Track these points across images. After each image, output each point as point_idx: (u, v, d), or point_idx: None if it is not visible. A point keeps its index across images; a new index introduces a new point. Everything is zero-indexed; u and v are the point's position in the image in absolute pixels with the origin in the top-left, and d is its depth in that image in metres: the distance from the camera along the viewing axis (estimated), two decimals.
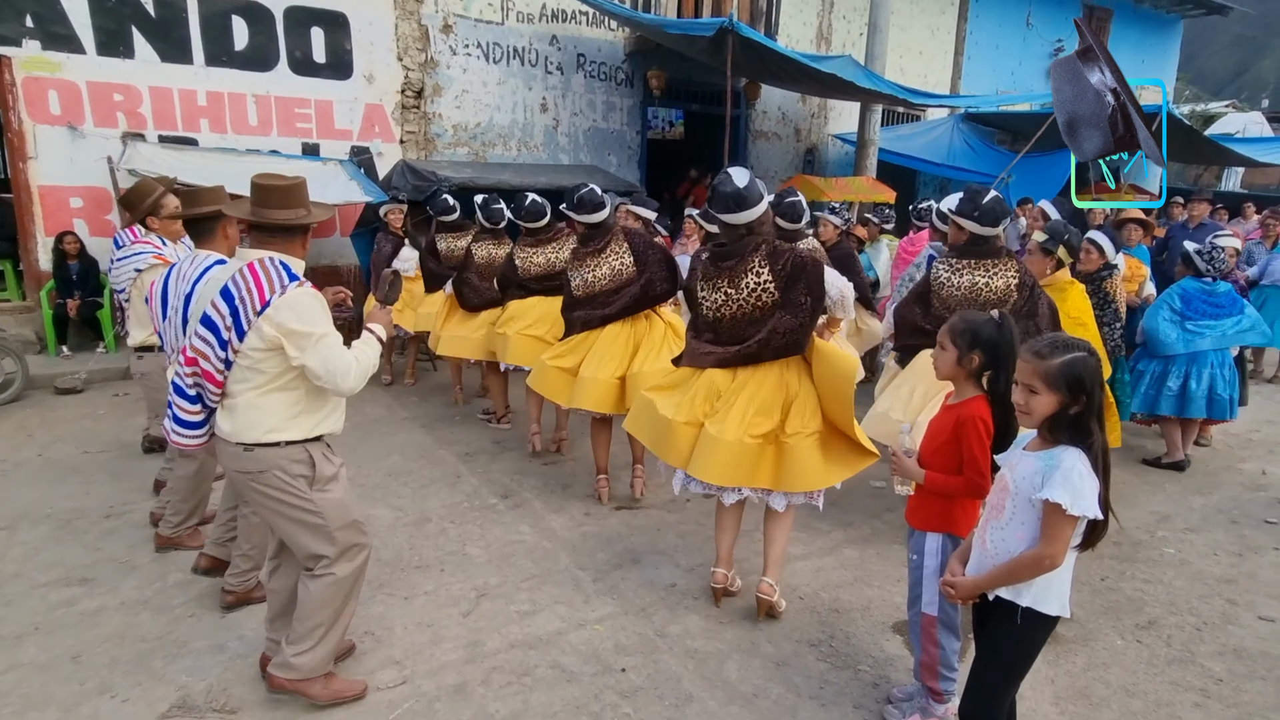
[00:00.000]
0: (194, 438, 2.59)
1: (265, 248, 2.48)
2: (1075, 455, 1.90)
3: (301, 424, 2.51)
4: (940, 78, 13.89)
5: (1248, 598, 3.58)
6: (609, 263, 4.30)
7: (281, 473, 2.47)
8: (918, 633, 2.58)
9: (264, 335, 2.37)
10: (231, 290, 2.37)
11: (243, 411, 2.45)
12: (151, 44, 7.58)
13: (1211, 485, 4.98)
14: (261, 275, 2.38)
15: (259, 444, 2.45)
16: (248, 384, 2.44)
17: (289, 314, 2.36)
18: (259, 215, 2.47)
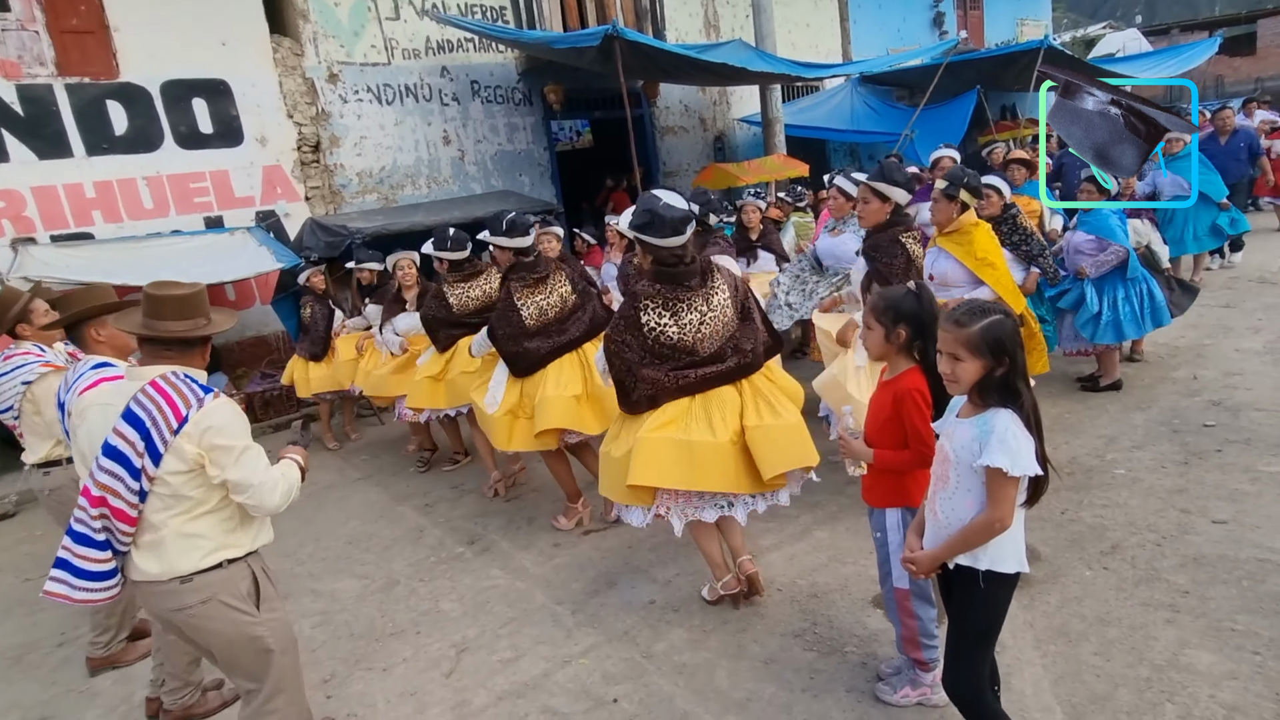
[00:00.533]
0: (103, 590, 2.27)
1: (161, 362, 2.30)
2: (1008, 417, 1.93)
3: (241, 539, 2.35)
4: (831, 46, 14.16)
5: (1199, 504, 3.72)
6: (557, 291, 4.26)
7: (229, 596, 2.30)
8: (894, 607, 2.60)
9: (184, 455, 2.18)
10: (138, 412, 2.17)
11: (171, 543, 2.24)
12: (25, 143, 7.26)
13: (1149, 399, 5.16)
14: (171, 391, 2.20)
15: (198, 571, 2.25)
16: (172, 511, 2.24)
17: (210, 427, 2.20)
18: (151, 328, 2.28)
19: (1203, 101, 20.03)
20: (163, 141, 7.94)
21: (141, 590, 2.31)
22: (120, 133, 7.71)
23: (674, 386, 3.07)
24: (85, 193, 7.58)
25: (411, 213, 8.58)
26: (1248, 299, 7.20)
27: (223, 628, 2.31)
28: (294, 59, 8.63)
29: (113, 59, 7.64)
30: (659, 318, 3.05)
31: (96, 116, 7.57)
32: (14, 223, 7.27)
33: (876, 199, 3.81)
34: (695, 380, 3.08)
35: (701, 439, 3.01)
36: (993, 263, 4.29)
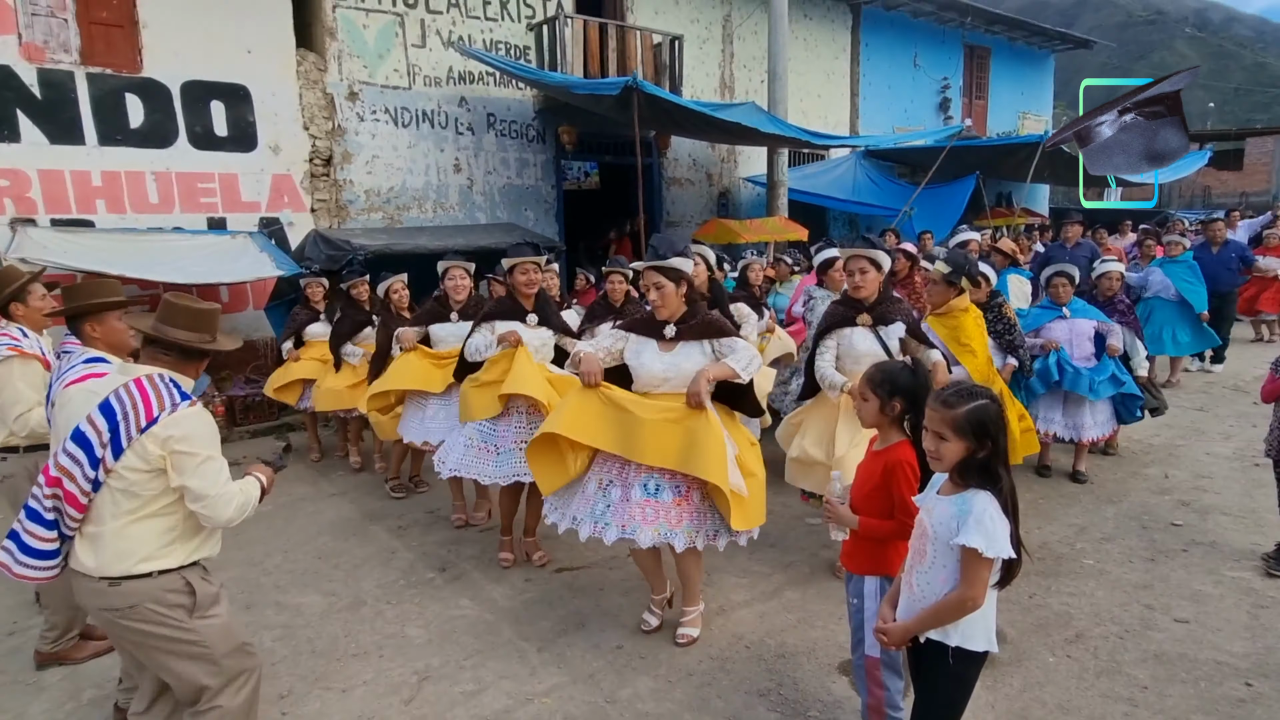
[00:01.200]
0: (44, 569, 2.30)
1: (155, 364, 2.35)
2: (986, 499, 2.00)
3: (177, 551, 2.33)
4: (839, 118, 14.59)
5: (1163, 601, 3.78)
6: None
7: (155, 604, 2.27)
8: (862, 676, 2.62)
9: (146, 455, 2.21)
10: (114, 405, 2.21)
11: (108, 541, 2.25)
12: (39, 126, 7.30)
13: (1121, 493, 5.26)
14: (150, 391, 2.24)
15: (127, 576, 2.24)
16: (117, 509, 2.25)
17: (177, 433, 2.22)
18: (158, 330, 2.35)
19: (1189, 210, 20.73)
20: (176, 139, 8.01)
21: (76, 581, 2.31)
22: (135, 126, 7.78)
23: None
24: (92, 180, 7.61)
25: (416, 235, 8.67)
26: (1221, 405, 7.39)
27: (155, 631, 2.29)
28: (317, 73, 8.78)
29: (138, 54, 7.75)
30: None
31: (113, 108, 7.64)
32: (16, 202, 7.27)
33: (874, 268, 3.92)
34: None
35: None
36: (974, 350, 4.42)
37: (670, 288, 3.28)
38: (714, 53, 12.56)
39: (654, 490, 3.25)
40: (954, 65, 16.45)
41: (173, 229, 7.88)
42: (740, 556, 4.40)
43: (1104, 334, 5.45)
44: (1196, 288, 7.76)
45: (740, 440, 3.40)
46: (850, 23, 14.47)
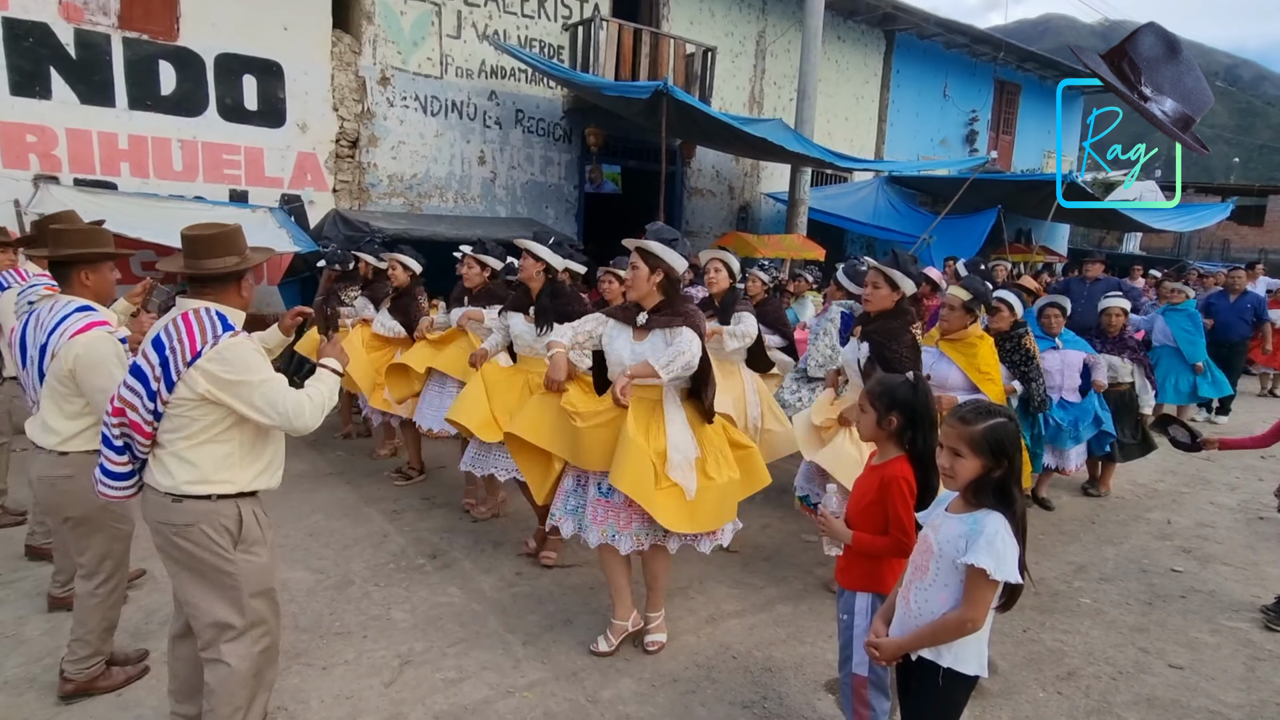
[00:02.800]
0: (122, 489, 2.43)
1: (201, 298, 2.42)
2: (998, 521, 1.96)
3: (234, 478, 2.41)
4: (865, 142, 14.60)
5: (1158, 646, 3.72)
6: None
7: (207, 527, 2.36)
8: (849, 693, 2.58)
9: (194, 387, 2.29)
10: (163, 340, 2.30)
11: (172, 462, 2.35)
12: (71, 85, 7.37)
13: (1122, 535, 5.20)
14: (195, 326, 2.31)
15: (187, 496, 2.35)
16: (178, 434, 2.34)
17: (220, 365, 2.29)
18: (191, 266, 2.41)
19: (1208, 261, 20.64)
20: (206, 109, 8.08)
21: (145, 496, 2.43)
22: (166, 93, 7.85)
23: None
24: (119, 143, 7.67)
25: (435, 223, 8.70)
26: (1228, 457, 7.29)
27: (199, 554, 2.37)
28: (351, 56, 8.84)
29: (175, 22, 7.82)
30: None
31: (146, 73, 7.71)
32: (41, 159, 7.33)
33: (887, 285, 3.88)
34: None
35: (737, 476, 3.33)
36: (993, 378, 4.37)
37: (643, 270, 3.19)
38: (745, 67, 12.59)
39: (606, 490, 3.24)
40: (983, 98, 16.46)
41: (194, 198, 7.94)
42: (733, 567, 4.37)
43: (1090, 366, 5.42)
44: (1194, 338, 7.61)
45: (709, 440, 3.31)
46: (883, 48, 14.49)
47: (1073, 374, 5.40)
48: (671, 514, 3.12)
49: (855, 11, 13.42)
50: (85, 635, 2.91)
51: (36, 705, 2.88)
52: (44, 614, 3.52)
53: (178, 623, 2.60)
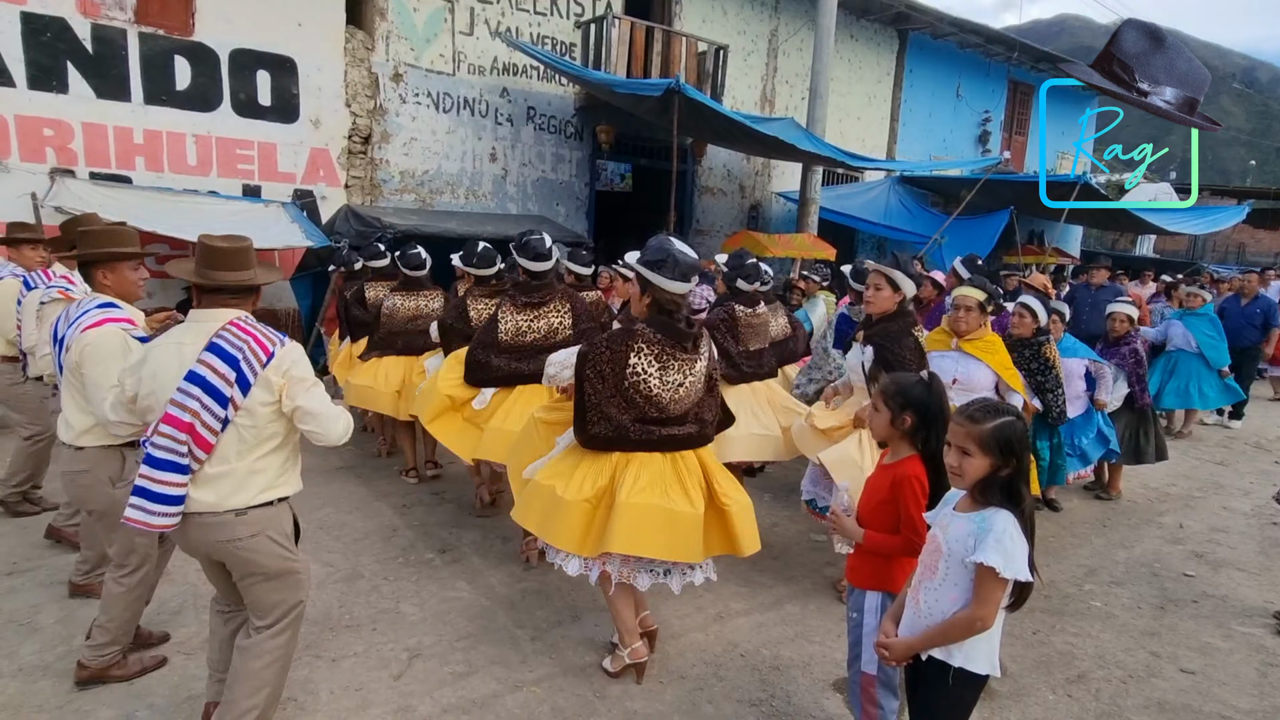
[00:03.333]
0: (171, 515, 2.34)
1: (223, 306, 2.44)
2: (1007, 518, 1.95)
3: (291, 479, 2.54)
4: (877, 142, 14.54)
5: (1170, 650, 3.70)
6: (546, 319, 4.17)
7: (273, 532, 2.45)
8: (857, 692, 2.57)
9: (271, 386, 2.37)
10: (227, 348, 2.33)
11: (236, 477, 2.37)
12: (87, 79, 7.42)
13: (1134, 539, 5.16)
14: (256, 332, 2.40)
15: (253, 505, 2.40)
16: (245, 444, 2.39)
17: (291, 363, 2.41)
18: (208, 278, 2.42)
19: (1222, 265, 20.47)
20: (220, 104, 8.12)
21: (193, 521, 2.38)
22: (181, 88, 7.89)
23: (636, 439, 2.94)
24: (134, 138, 7.72)
25: (446, 219, 8.71)
26: (1241, 461, 7.25)
27: (267, 561, 2.45)
28: (364, 52, 8.87)
29: (190, 18, 7.86)
30: (647, 365, 2.91)
31: (162, 68, 7.76)
32: (58, 153, 7.38)
33: (889, 287, 3.85)
34: (657, 439, 2.97)
35: (683, 509, 2.89)
36: (1016, 375, 4.32)
37: (635, 290, 3.07)
38: (758, 65, 12.56)
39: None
40: (997, 99, 16.37)
41: (208, 192, 7.98)
42: (742, 566, 4.36)
43: (1095, 377, 5.38)
44: (1218, 343, 7.56)
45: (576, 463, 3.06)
46: (896, 48, 14.43)
47: (1072, 380, 5.29)
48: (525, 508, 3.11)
49: (868, 10, 13.37)
50: (107, 624, 2.95)
51: (50, 692, 2.91)
52: (59, 602, 3.55)
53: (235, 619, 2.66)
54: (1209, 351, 7.51)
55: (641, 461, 2.96)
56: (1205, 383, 7.59)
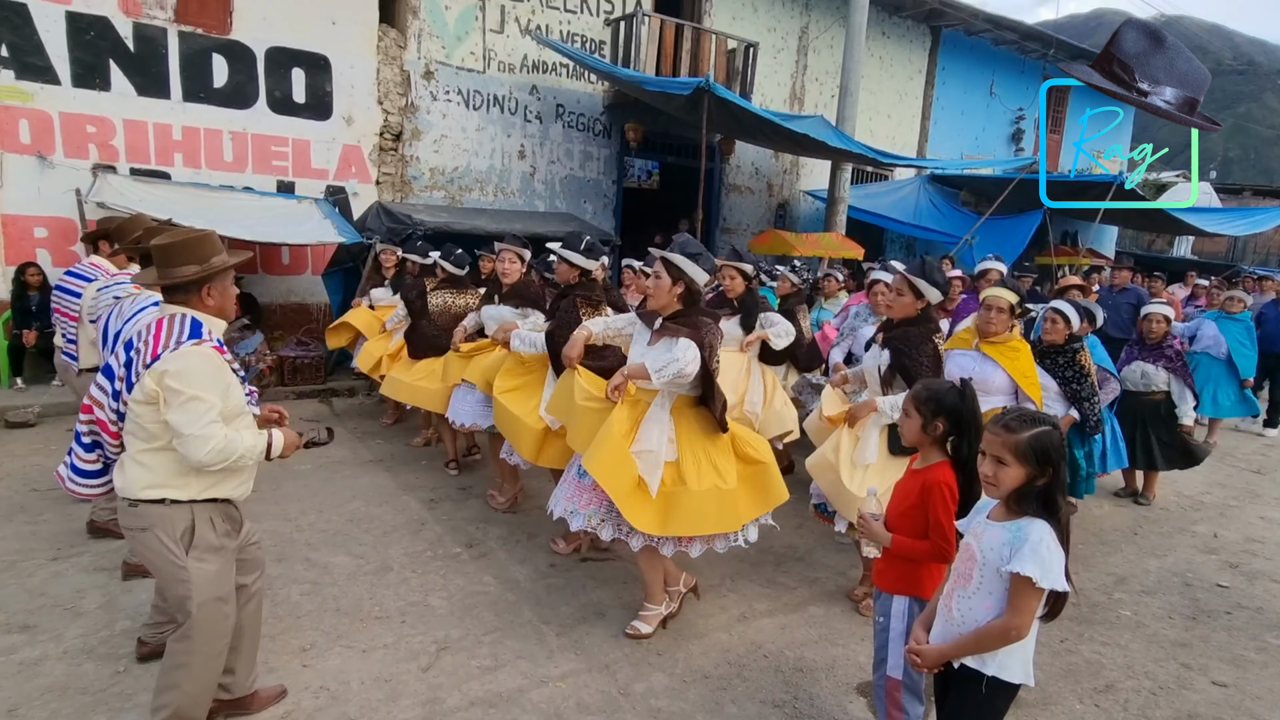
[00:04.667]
0: (89, 486, 2.57)
1: (173, 304, 2.48)
2: (1043, 528, 1.94)
3: (190, 485, 2.43)
4: (907, 140, 14.39)
5: (1201, 661, 3.64)
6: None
7: (160, 532, 2.41)
8: (882, 696, 2.58)
9: (145, 389, 2.33)
10: (134, 341, 2.39)
11: (129, 466, 2.41)
12: (129, 77, 7.59)
13: (1166, 547, 5.09)
14: (163, 330, 2.37)
15: (141, 500, 2.40)
16: (135, 438, 2.40)
17: (171, 368, 2.31)
18: (163, 276, 2.47)
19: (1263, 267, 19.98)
20: (256, 102, 8.26)
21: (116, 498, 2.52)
22: (218, 85, 8.04)
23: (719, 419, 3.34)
24: (173, 134, 7.89)
25: (475, 216, 8.78)
26: (1279, 471, 7.11)
27: (154, 559, 2.47)
28: (396, 50, 8.96)
29: (228, 17, 8.00)
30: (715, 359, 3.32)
31: (200, 66, 7.91)
32: (100, 149, 7.56)
33: (911, 293, 3.81)
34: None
35: (729, 486, 3.25)
36: (1035, 383, 4.24)
37: (666, 281, 3.28)
38: (787, 63, 12.49)
39: (580, 471, 3.42)
40: (1031, 97, 16.11)
41: (243, 188, 8.13)
42: (766, 566, 4.38)
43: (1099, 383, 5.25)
44: (1248, 352, 7.32)
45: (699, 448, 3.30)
46: (929, 45, 14.27)
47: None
48: (638, 512, 3.19)
49: (901, 7, 13.23)
50: (162, 604, 3.05)
51: (94, 675, 3.00)
52: (103, 587, 3.66)
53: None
54: (1239, 359, 7.27)
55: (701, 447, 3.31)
56: (1223, 390, 7.35)
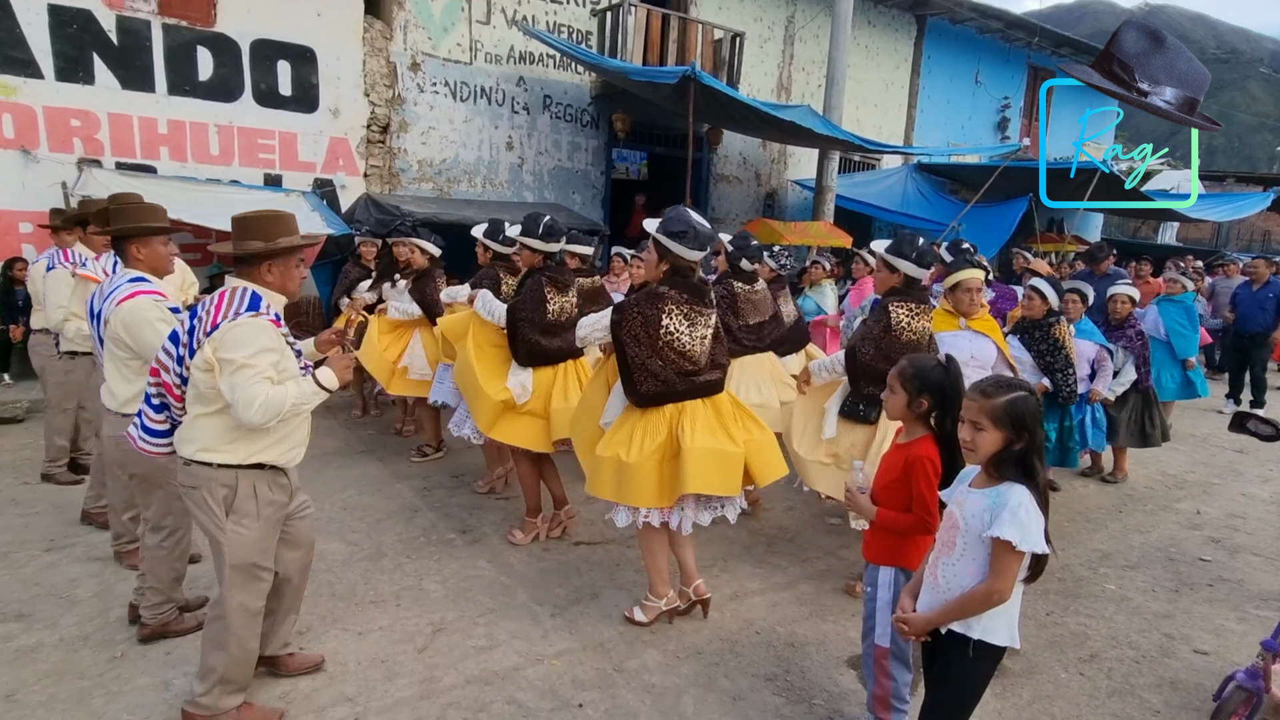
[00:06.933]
0: (158, 446, 2.68)
1: (239, 278, 2.61)
2: (1022, 493, 1.99)
3: (238, 449, 2.55)
4: (894, 129, 14.44)
5: (1184, 632, 3.72)
6: (570, 299, 4.31)
7: (206, 493, 2.55)
8: (870, 665, 2.63)
9: (205, 356, 2.46)
10: (199, 311, 2.51)
11: (186, 427, 2.58)
12: (113, 71, 7.54)
13: (1150, 524, 5.17)
14: (224, 302, 2.49)
15: (193, 460, 2.54)
16: (195, 402, 2.55)
17: (224, 339, 2.43)
18: (237, 246, 2.59)
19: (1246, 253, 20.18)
20: (242, 94, 8.21)
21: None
22: (204, 78, 7.99)
23: (682, 390, 3.27)
24: (158, 128, 7.84)
25: (464, 207, 8.78)
26: (1261, 449, 7.19)
27: (200, 517, 2.60)
28: (382, 41, 8.93)
29: (212, 8, 7.95)
30: (678, 325, 3.23)
31: (185, 59, 7.86)
32: (85, 143, 7.51)
33: (885, 268, 3.84)
34: (698, 385, 3.31)
35: (732, 450, 3.25)
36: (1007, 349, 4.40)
37: (653, 257, 3.31)
38: (774, 53, 12.51)
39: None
40: (1016, 85, 16.19)
41: (230, 181, 8.08)
42: (758, 548, 4.43)
43: (1096, 366, 5.34)
44: (1188, 334, 7.23)
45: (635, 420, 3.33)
46: (914, 34, 14.31)
47: (1081, 363, 5.27)
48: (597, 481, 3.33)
49: None
50: (156, 584, 3.14)
51: (90, 661, 3.02)
52: (97, 576, 3.68)
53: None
54: (1176, 340, 7.18)
55: (691, 410, 3.29)
56: (1166, 373, 7.25)
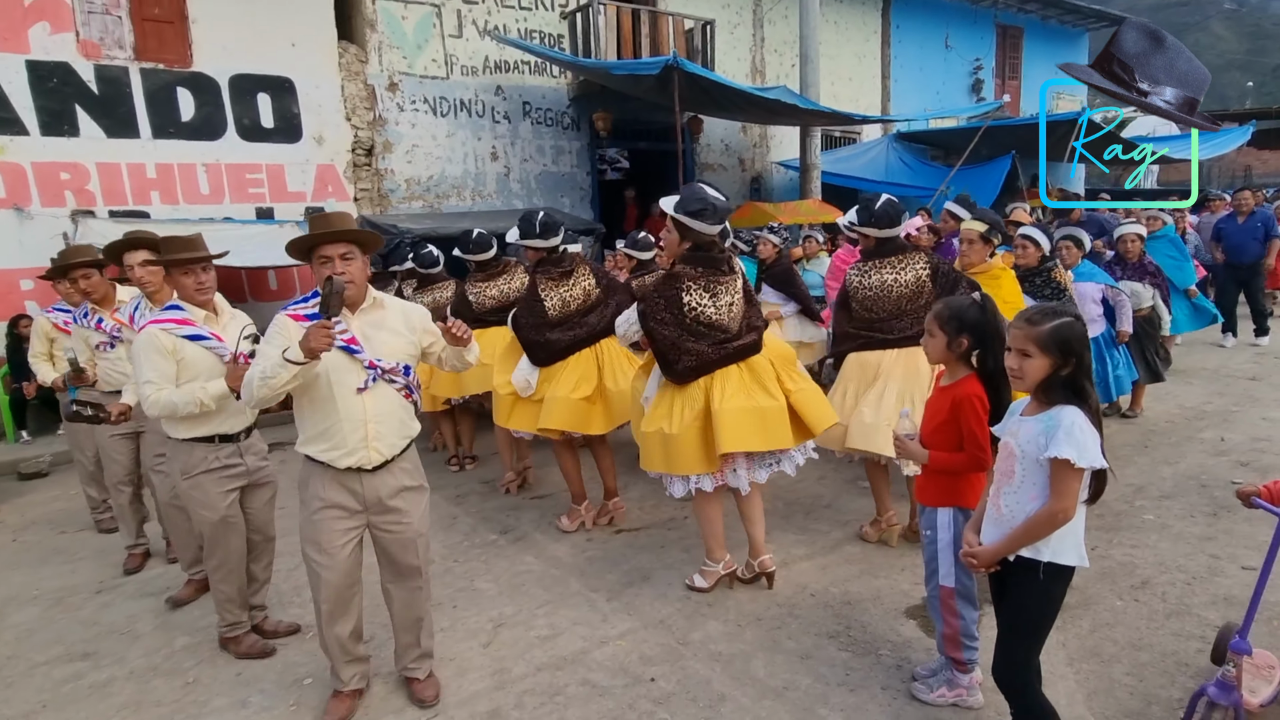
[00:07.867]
0: None
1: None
2: (1075, 413, 2.03)
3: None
4: (871, 101, 14.52)
5: (1229, 550, 3.77)
6: (580, 285, 4.34)
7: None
8: (937, 606, 2.67)
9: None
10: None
11: None
12: (96, 121, 7.56)
13: (1177, 455, 5.22)
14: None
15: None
16: None
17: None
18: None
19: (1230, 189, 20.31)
20: (225, 131, 8.24)
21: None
22: (186, 119, 8.02)
23: (717, 358, 3.38)
24: (147, 173, 7.86)
25: (457, 220, 8.81)
26: (1275, 374, 7.28)
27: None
28: (358, 65, 8.96)
29: (188, 49, 7.98)
30: (699, 299, 3.36)
31: (166, 101, 7.88)
32: (76, 195, 7.53)
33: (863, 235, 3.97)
34: (732, 352, 3.41)
35: (768, 404, 3.36)
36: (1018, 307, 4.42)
37: (673, 237, 3.45)
38: (745, 37, 12.58)
39: None
40: (986, 46, 16.29)
41: (223, 219, 8.11)
42: (797, 516, 4.47)
43: (1114, 306, 5.40)
44: (1182, 263, 7.27)
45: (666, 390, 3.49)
46: (880, 4, 14.40)
47: (1086, 304, 5.34)
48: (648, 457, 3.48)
49: None
50: (225, 601, 3.24)
51: (165, 689, 3.04)
52: (154, 612, 3.70)
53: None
54: (1174, 274, 7.12)
55: (722, 376, 3.40)
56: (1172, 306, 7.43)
